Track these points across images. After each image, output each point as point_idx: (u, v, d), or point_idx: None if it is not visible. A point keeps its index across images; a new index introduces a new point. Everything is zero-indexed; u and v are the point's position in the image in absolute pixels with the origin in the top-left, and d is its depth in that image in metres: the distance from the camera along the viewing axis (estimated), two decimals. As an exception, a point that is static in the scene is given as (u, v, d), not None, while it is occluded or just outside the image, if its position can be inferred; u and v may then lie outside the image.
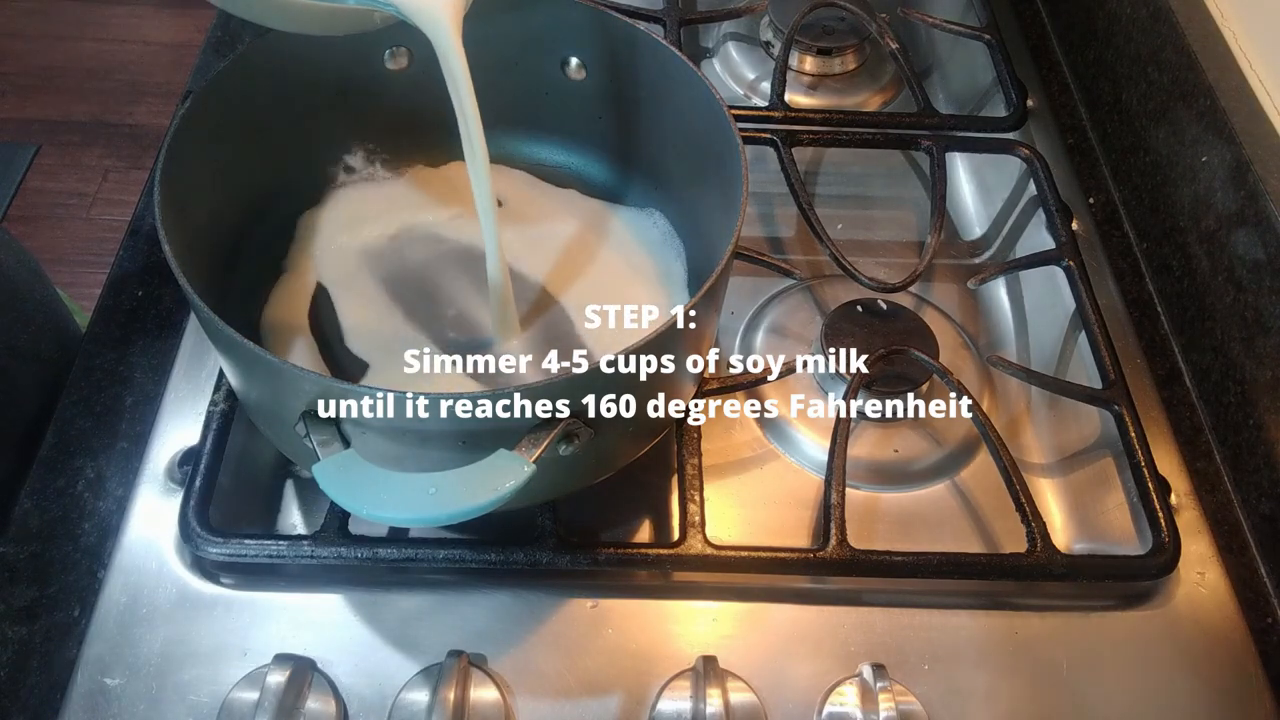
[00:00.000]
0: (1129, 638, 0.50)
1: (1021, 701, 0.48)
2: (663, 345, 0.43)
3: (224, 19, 0.78)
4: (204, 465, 0.50)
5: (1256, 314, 0.56)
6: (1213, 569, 0.53)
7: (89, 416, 0.55)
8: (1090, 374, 0.59)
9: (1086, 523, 0.56)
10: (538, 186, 0.62)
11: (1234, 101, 0.60)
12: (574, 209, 0.61)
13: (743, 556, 0.50)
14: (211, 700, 0.45)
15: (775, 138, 0.67)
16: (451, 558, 0.49)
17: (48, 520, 0.51)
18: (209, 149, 0.50)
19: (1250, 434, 0.56)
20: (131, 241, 0.63)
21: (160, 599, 0.48)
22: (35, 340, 0.66)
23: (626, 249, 0.59)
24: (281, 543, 0.49)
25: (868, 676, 0.46)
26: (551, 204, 0.61)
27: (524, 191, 0.61)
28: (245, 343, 0.40)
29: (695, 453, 0.52)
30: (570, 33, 0.56)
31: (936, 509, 0.57)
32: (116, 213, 1.79)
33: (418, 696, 0.46)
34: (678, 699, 0.46)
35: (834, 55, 0.78)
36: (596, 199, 0.61)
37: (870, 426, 0.58)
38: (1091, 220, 0.69)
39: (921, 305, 0.64)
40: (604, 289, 0.56)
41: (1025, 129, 0.71)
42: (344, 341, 0.54)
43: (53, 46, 2.05)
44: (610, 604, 0.50)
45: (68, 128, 1.91)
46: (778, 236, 0.70)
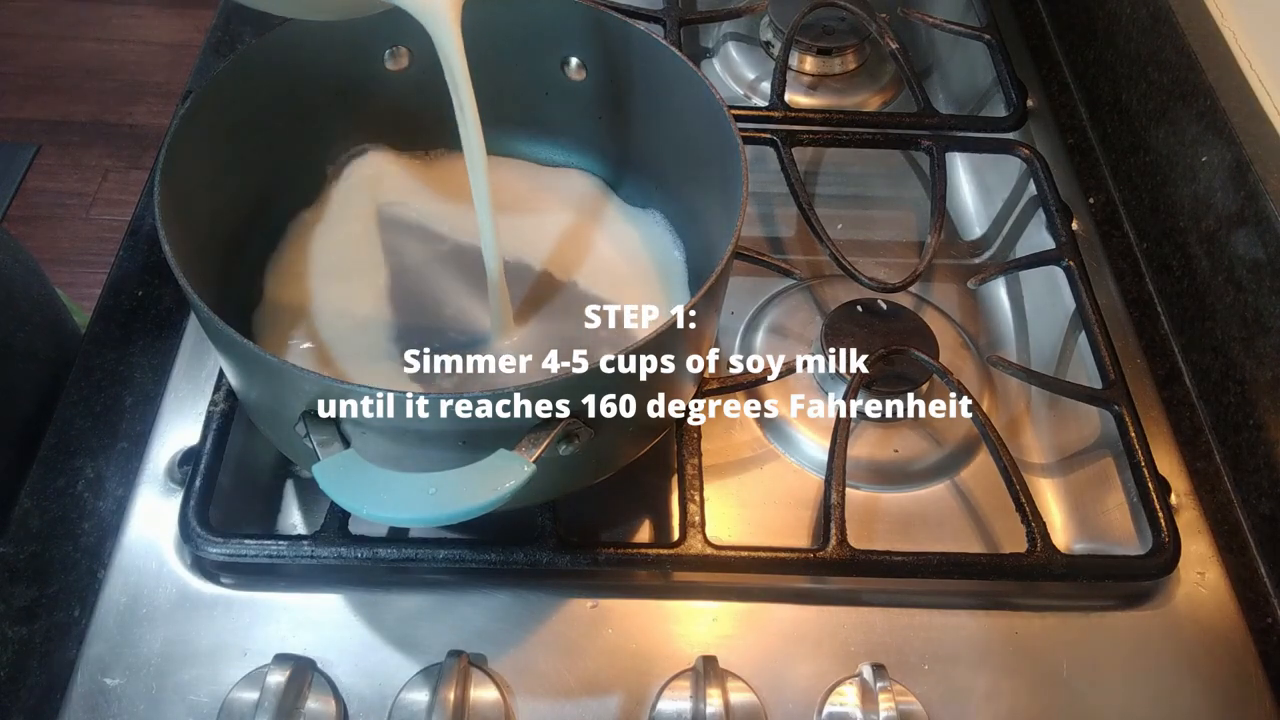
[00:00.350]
0: (1129, 638, 0.50)
1: (1021, 701, 0.48)
2: (663, 345, 0.43)
3: (224, 19, 0.78)
4: (204, 465, 0.50)
5: (1256, 314, 0.56)
6: (1213, 569, 0.53)
7: (89, 416, 0.55)
8: (1090, 374, 0.59)
9: (1086, 523, 0.56)
10: (540, 176, 0.61)
11: (1234, 101, 0.60)
12: (576, 205, 0.60)
13: (743, 556, 0.50)
14: (211, 700, 0.45)
15: (775, 138, 0.67)
16: (451, 558, 0.49)
17: (48, 520, 0.51)
18: (209, 149, 0.50)
19: (1250, 434, 0.56)
20: (131, 241, 0.63)
21: (160, 599, 0.48)
22: (32, 339, 0.66)
23: (627, 248, 0.59)
24: (281, 543, 0.49)
25: (868, 676, 0.46)
26: (553, 198, 0.61)
27: (526, 182, 0.61)
28: (245, 343, 0.40)
29: (695, 453, 0.52)
30: (570, 33, 0.56)
31: (936, 509, 0.57)
32: (116, 213, 1.79)
33: (418, 696, 0.46)
34: (678, 699, 0.46)
35: (834, 55, 0.78)
36: (599, 192, 0.61)
37: (870, 426, 0.58)
38: (1091, 220, 0.69)
39: (921, 305, 0.64)
40: (604, 288, 0.56)
41: (1025, 129, 0.71)
42: (340, 338, 0.54)
43: (53, 46, 2.05)
44: (610, 604, 0.50)
45: (68, 128, 1.91)
46: (778, 236, 0.70)
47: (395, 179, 0.61)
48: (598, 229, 0.60)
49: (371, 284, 0.56)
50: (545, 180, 0.62)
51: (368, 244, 0.58)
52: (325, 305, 0.55)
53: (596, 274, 0.57)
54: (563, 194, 0.61)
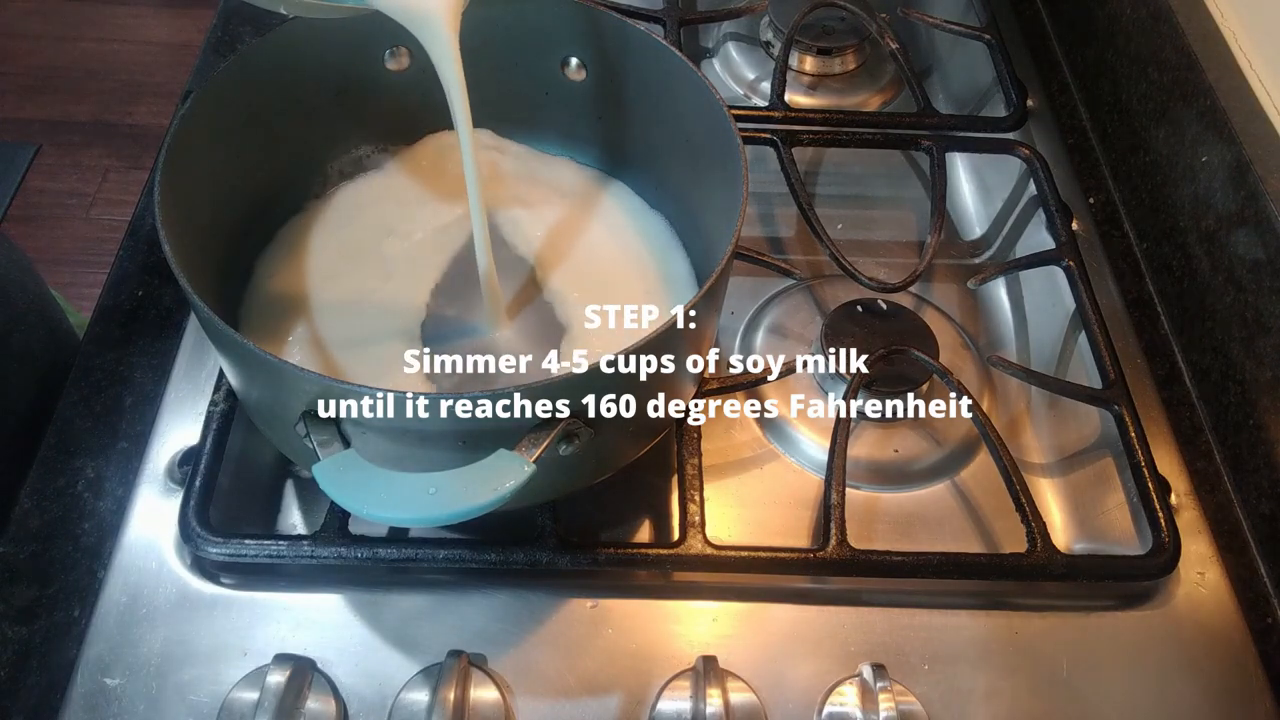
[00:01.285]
0: (1129, 638, 0.50)
1: (1021, 701, 0.48)
2: (663, 345, 0.43)
3: (224, 19, 0.78)
4: (204, 465, 0.50)
5: (1256, 314, 0.56)
6: (1213, 569, 0.53)
7: (89, 416, 0.55)
8: (1090, 374, 0.59)
9: (1086, 523, 0.56)
10: (543, 164, 0.61)
11: (1234, 101, 0.60)
12: (578, 201, 0.60)
13: (743, 556, 0.50)
14: (211, 700, 0.45)
15: (775, 138, 0.67)
16: (451, 558, 0.49)
17: (48, 520, 0.51)
18: (209, 149, 0.50)
19: (1250, 434, 0.56)
20: (131, 241, 0.63)
21: (160, 599, 0.48)
22: (28, 339, 0.66)
23: (627, 247, 0.59)
24: (281, 543, 0.49)
25: (868, 676, 0.46)
26: (555, 194, 0.60)
27: (528, 174, 0.61)
28: (245, 343, 0.40)
29: (695, 453, 0.52)
30: (570, 32, 0.56)
31: (936, 509, 0.57)
32: (116, 213, 1.78)
33: (418, 696, 0.46)
34: (678, 699, 0.46)
35: (834, 55, 0.78)
36: (601, 189, 0.61)
37: (870, 426, 0.58)
38: (1091, 220, 0.69)
39: (921, 305, 0.64)
40: (604, 288, 0.56)
41: (1025, 129, 0.71)
42: (339, 337, 0.54)
43: (53, 46, 2.05)
44: (610, 604, 0.50)
45: (68, 128, 1.91)
46: (778, 236, 0.70)
47: (397, 179, 0.61)
48: (600, 227, 0.59)
49: (372, 282, 0.56)
50: (547, 174, 0.62)
51: (367, 242, 0.58)
52: (325, 304, 0.55)
53: (598, 272, 0.57)
54: (565, 189, 0.61)
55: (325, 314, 0.54)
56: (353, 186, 0.60)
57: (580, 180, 0.62)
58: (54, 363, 0.59)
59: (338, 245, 0.57)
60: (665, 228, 0.59)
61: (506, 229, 0.59)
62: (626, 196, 0.61)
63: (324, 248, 0.57)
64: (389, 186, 0.60)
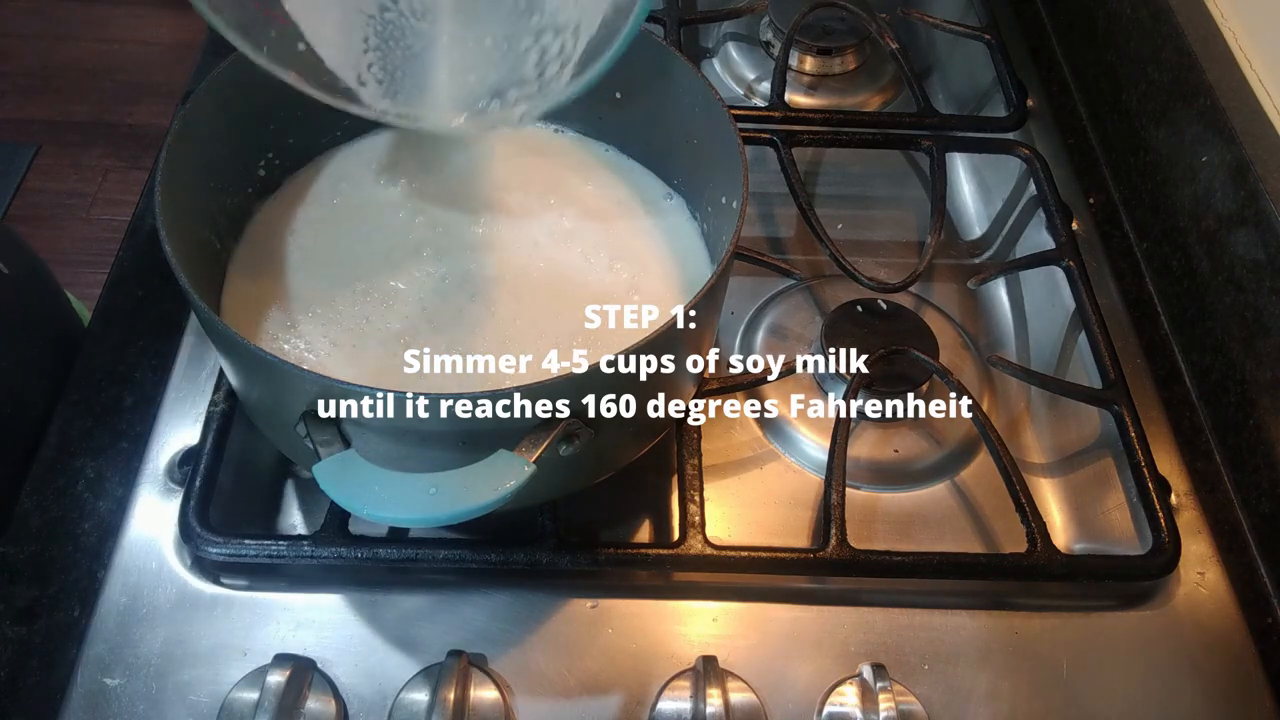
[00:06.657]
0: (1129, 638, 0.50)
1: (1021, 701, 0.48)
2: (663, 345, 0.43)
3: (224, 19, 0.78)
4: (204, 465, 0.50)
5: (1256, 314, 0.56)
6: (1213, 569, 0.53)
7: (89, 416, 0.55)
8: (1090, 374, 0.59)
9: (1086, 523, 0.56)
10: (559, 155, 0.61)
11: (1234, 101, 0.60)
12: (589, 197, 0.60)
13: (743, 556, 0.50)
14: (211, 700, 0.45)
15: (775, 138, 0.67)
16: (451, 558, 0.49)
17: (48, 520, 0.51)
18: (209, 149, 0.50)
19: (1250, 434, 0.56)
20: (131, 241, 0.63)
21: (160, 599, 0.48)
22: (41, 340, 0.66)
23: (653, 239, 0.58)
24: (281, 543, 0.49)
25: (868, 676, 0.46)
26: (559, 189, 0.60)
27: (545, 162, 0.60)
28: (245, 343, 0.40)
29: (695, 453, 0.52)
30: (570, 33, 0.56)
31: (936, 509, 0.57)
32: (116, 213, 1.79)
33: (418, 696, 0.46)
34: (678, 699, 0.46)
35: (834, 55, 0.78)
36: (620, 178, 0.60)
37: (870, 426, 0.58)
38: (1091, 220, 0.69)
39: (921, 305, 0.64)
40: (625, 277, 0.56)
41: (1025, 129, 0.72)
42: (339, 336, 0.54)
43: (53, 46, 2.05)
44: (610, 604, 0.50)
45: (68, 128, 1.91)
46: (778, 236, 0.70)
47: (390, 167, 0.60)
48: (602, 223, 0.59)
49: (372, 278, 0.56)
50: (566, 160, 0.60)
51: (367, 240, 0.58)
52: (326, 304, 0.55)
53: (597, 274, 0.57)
54: (583, 174, 0.60)
55: (325, 313, 0.54)
56: (351, 180, 0.60)
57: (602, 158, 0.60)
58: (66, 364, 0.59)
59: (338, 244, 0.57)
60: (687, 217, 0.59)
61: (505, 219, 0.58)
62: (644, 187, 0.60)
63: (324, 246, 0.57)
64: (387, 172, 0.60)
